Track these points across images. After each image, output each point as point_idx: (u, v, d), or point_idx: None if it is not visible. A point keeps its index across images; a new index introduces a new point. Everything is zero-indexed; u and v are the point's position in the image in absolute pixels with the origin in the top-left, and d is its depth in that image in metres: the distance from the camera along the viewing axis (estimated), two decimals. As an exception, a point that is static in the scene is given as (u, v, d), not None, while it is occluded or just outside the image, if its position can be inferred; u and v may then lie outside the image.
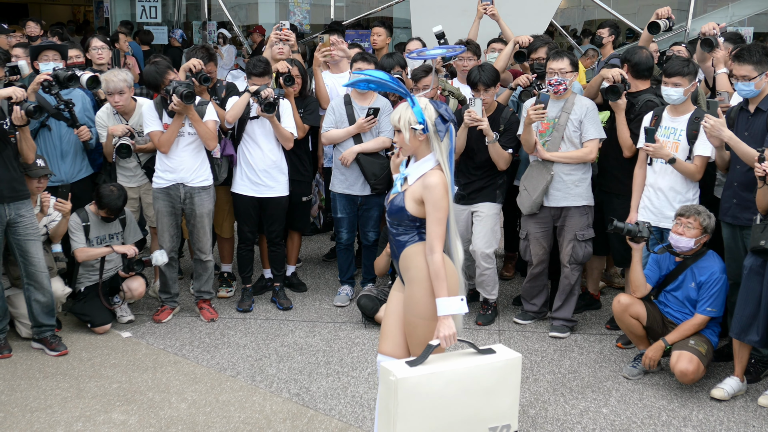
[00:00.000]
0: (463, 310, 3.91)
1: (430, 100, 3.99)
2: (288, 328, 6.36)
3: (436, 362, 3.78)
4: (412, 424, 3.67)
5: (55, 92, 6.15)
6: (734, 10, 14.57)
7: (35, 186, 5.88)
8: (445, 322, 3.87)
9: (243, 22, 16.54)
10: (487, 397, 3.78)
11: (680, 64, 5.60)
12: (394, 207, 4.05)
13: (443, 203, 3.89)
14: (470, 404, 3.76)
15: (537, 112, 5.88)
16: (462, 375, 3.74)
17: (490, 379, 3.78)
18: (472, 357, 3.83)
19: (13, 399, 5.16)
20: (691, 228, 5.37)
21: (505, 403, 3.83)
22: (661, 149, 5.63)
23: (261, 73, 6.39)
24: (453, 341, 3.86)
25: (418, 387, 3.66)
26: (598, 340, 6.20)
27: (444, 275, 3.89)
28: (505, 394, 3.83)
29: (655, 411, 5.11)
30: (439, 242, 3.90)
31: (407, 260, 4.05)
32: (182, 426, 4.85)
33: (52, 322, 5.85)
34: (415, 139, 3.94)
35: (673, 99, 5.64)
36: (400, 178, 4.11)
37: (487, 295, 6.49)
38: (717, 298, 5.36)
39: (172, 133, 6.11)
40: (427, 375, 3.68)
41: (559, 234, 6.21)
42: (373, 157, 6.64)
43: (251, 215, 6.64)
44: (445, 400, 3.72)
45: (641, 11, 16.92)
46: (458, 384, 3.73)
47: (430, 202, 3.89)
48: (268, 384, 5.41)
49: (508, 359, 3.84)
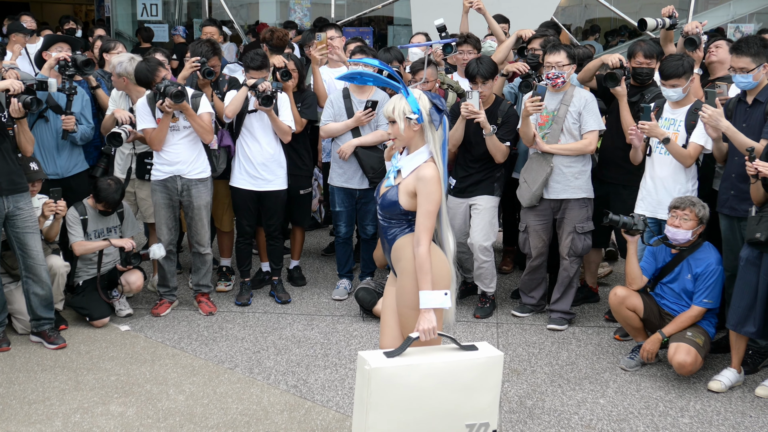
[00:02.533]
0: (445, 305, 3.87)
1: (423, 91, 3.98)
2: (286, 322, 6.37)
3: (415, 355, 3.72)
4: (385, 414, 3.63)
5: (69, 73, 6.21)
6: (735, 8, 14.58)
7: (30, 189, 5.86)
8: (426, 315, 3.84)
9: (244, 20, 16.54)
10: (466, 393, 3.72)
11: (674, 65, 5.60)
12: (387, 201, 4.04)
13: (435, 196, 3.88)
14: (447, 399, 3.70)
15: (534, 105, 5.88)
16: (439, 369, 3.67)
17: (469, 375, 3.72)
18: (453, 352, 3.77)
19: (12, 391, 5.17)
20: (688, 219, 5.37)
21: (483, 401, 3.77)
22: (656, 128, 5.62)
23: (258, 66, 6.37)
24: (433, 335, 3.82)
25: (392, 378, 3.62)
26: (595, 333, 6.20)
27: (428, 268, 3.86)
28: (485, 391, 3.77)
29: (652, 402, 5.11)
30: (427, 235, 3.89)
31: (398, 252, 4.05)
32: (180, 417, 4.86)
33: (50, 315, 5.86)
34: (410, 129, 3.93)
35: (674, 99, 5.72)
36: (393, 171, 4.09)
37: (485, 288, 6.49)
38: (713, 290, 5.36)
39: (162, 131, 6.10)
40: (403, 366, 3.63)
41: (559, 226, 6.21)
42: (372, 150, 6.64)
43: (250, 209, 6.64)
44: (421, 393, 3.66)
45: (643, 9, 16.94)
46: (435, 378, 3.67)
47: (423, 194, 3.88)
48: (266, 376, 5.42)
49: (489, 357, 3.76)
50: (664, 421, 4.87)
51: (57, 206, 5.89)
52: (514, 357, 5.74)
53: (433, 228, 3.92)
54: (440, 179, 3.91)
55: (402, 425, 3.68)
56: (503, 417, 4.90)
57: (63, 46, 6.87)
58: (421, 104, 3.90)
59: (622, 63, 6.08)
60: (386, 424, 3.65)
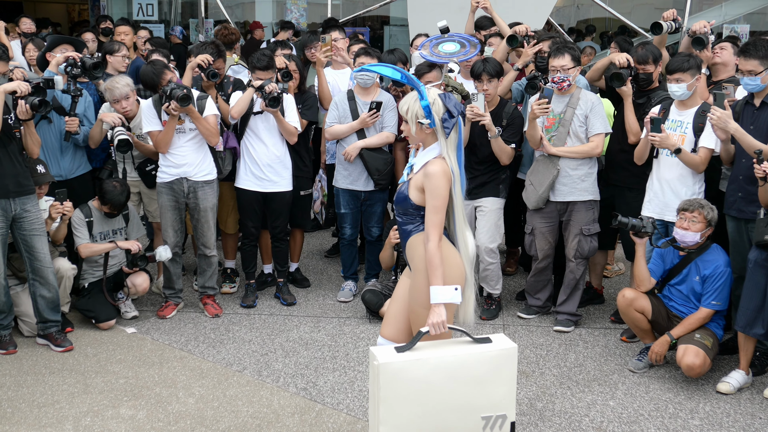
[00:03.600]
0: (456, 300, 3.89)
1: (439, 93, 3.98)
2: (293, 324, 6.36)
3: (425, 349, 3.75)
4: (395, 409, 3.67)
5: (76, 73, 6.18)
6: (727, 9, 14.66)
7: (37, 192, 5.83)
8: (435, 310, 3.86)
9: (240, 19, 16.51)
10: (479, 386, 3.74)
11: (680, 60, 5.62)
12: (400, 196, 4.09)
13: (441, 191, 3.90)
14: (460, 392, 3.72)
15: (541, 107, 5.89)
16: (449, 363, 3.70)
17: (482, 368, 3.74)
18: (464, 345, 3.79)
19: (20, 395, 5.14)
20: (696, 222, 5.39)
21: (499, 394, 3.77)
22: (667, 139, 5.63)
23: (265, 67, 6.35)
24: (443, 329, 3.85)
25: (401, 372, 3.66)
26: (602, 334, 6.21)
27: (438, 263, 3.87)
28: (499, 384, 3.77)
29: (662, 404, 5.13)
30: (435, 230, 3.90)
31: (411, 249, 4.08)
32: (191, 420, 4.85)
33: (57, 318, 5.83)
34: (422, 131, 3.97)
35: (678, 95, 5.68)
36: (408, 168, 4.14)
37: (491, 290, 6.50)
38: (721, 292, 5.38)
39: (168, 133, 6.08)
40: (412, 361, 3.67)
41: (565, 228, 6.22)
42: (377, 152, 6.64)
43: (255, 210, 6.63)
44: (432, 387, 3.68)
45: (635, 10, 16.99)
46: (445, 371, 3.69)
47: (429, 189, 3.91)
48: (275, 379, 5.41)
49: (502, 349, 3.78)
50: (675, 423, 4.88)
51: (63, 207, 5.87)
52: (522, 359, 5.75)
53: (441, 223, 3.93)
54: (448, 175, 3.92)
55: (414, 418, 3.70)
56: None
57: (67, 47, 6.82)
58: (434, 110, 3.92)
59: (630, 63, 6.09)
60: (397, 418, 3.69)
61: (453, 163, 3.96)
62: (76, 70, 6.24)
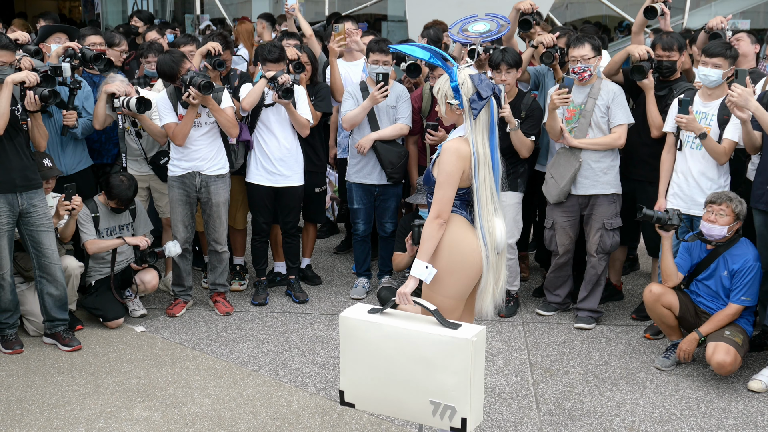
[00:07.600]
0: (421, 276, 3.91)
1: (470, 74, 3.90)
2: (306, 322, 6.18)
3: (389, 316, 3.83)
4: (352, 363, 3.87)
5: (75, 64, 5.98)
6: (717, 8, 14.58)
7: (44, 187, 5.64)
8: (409, 282, 3.95)
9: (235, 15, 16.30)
10: (427, 368, 3.70)
11: (723, 45, 5.46)
12: (426, 174, 4.11)
13: (447, 167, 3.88)
14: (408, 369, 3.73)
15: (561, 97, 5.73)
16: (400, 335, 3.74)
17: (430, 350, 3.68)
18: (424, 324, 3.77)
19: (29, 396, 4.95)
20: (724, 215, 5.24)
21: (448, 382, 3.67)
22: (694, 122, 5.46)
23: (276, 58, 6.17)
24: (407, 301, 3.90)
25: (355, 330, 3.83)
26: (624, 331, 6.06)
27: (427, 237, 3.90)
28: (449, 373, 3.66)
29: (693, 402, 4.98)
30: (437, 206, 3.91)
31: None
32: (208, 422, 4.67)
33: (65, 317, 5.63)
34: (452, 112, 3.98)
35: (712, 80, 5.48)
36: (439, 147, 4.10)
37: (509, 287, 6.32)
38: (751, 287, 5.23)
39: (186, 125, 5.90)
40: (366, 322, 3.81)
41: (586, 223, 6.07)
42: (390, 144, 6.47)
43: (266, 206, 6.45)
44: (384, 354, 3.77)
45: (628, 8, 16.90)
46: (396, 342, 3.75)
47: (439, 165, 3.94)
48: (293, 378, 5.24)
49: (453, 337, 3.66)
50: (709, 423, 4.73)
51: (72, 203, 5.67)
52: (545, 357, 5.59)
53: (445, 201, 3.91)
54: (460, 153, 3.89)
55: (368, 381, 3.85)
56: (542, 419, 4.75)
57: (61, 36, 6.60)
58: (463, 90, 3.89)
59: (650, 55, 5.94)
60: (354, 373, 3.88)
61: (480, 146, 3.91)
62: (75, 61, 6.04)
